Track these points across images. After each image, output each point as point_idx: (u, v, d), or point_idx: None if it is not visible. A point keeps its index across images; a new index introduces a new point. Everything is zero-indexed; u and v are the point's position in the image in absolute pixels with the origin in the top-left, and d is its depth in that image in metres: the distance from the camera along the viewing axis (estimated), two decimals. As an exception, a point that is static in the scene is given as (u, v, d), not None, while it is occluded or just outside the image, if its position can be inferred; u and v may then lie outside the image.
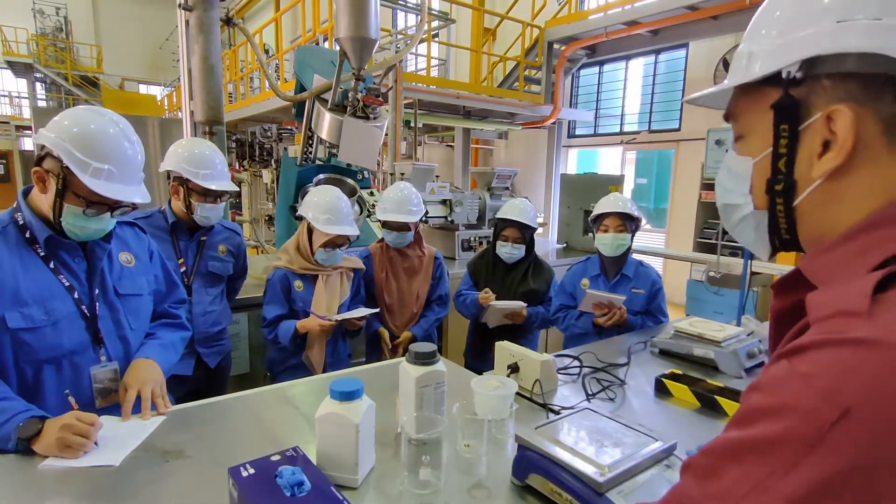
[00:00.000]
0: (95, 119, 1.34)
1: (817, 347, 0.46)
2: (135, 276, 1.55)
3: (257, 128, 10.05)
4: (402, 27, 11.59)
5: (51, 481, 1.12)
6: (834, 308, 0.48)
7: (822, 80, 0.55)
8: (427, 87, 6.81)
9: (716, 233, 5.89)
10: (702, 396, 1.60)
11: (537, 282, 2.69)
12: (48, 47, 15.98)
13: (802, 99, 0.57)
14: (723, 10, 5.73)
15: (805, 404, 0.43)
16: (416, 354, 1.28)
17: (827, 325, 0.48)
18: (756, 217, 0.64)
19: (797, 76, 0.56)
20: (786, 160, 0.59)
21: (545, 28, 7.60)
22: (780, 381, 0.47)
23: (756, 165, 0.63)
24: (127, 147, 1.36)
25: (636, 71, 8.65)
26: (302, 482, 0.97)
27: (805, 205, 0.59)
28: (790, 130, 0.58)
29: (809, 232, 0.60)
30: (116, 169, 1.33)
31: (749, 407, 0.49)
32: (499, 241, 2.68)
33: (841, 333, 0.45)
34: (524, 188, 9.30)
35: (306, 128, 2.98)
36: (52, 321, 1.34)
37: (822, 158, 0.56)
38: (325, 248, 2.22)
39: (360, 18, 2.42)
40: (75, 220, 1.34)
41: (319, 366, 2.23)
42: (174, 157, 2.08)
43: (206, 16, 2.94)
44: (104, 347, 1.44)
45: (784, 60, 0.57)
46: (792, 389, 0.45)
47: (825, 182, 0.56)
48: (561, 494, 1.02)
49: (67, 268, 1.41)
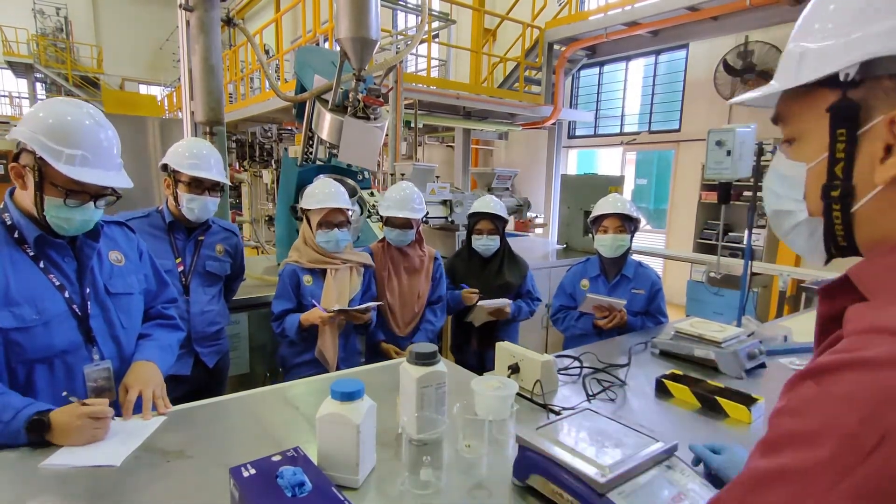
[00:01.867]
0: (67, 109, 1.34)
1: (849, 367, 0.43)
2: (125, 275, 1.55)
3: (258, 128, 10.05)
4: (403, 28, 11.59)
5: (52, 481, 1.12)
6: (870, 323, 0.46)
7: (884, 82, 0.52)
8: (427, 88, 6.81)
9: (715, 233, 5.89)
10: (702, 397, 1.60)
11: (512, 275, 2.78)
12: (48, 47, 15.98)
13: (861, 101, 0.53)
14: (723, 10, 5.73)
15: (845, 429, 0.41)
16: (416, 355, 1.28)
17: (861, 341, 0.45)
18: (811, 224, 0.61)
19: (856, 78, 0.53)
20: (843, 165, 0.55)
21: (545, 29, 7.60)
22: (812, 404, 0.44)
23: (810, 171, 0.59)
24: (99, 132, 1.35)
25: (636, 72, 8.66)
26: (303, 482, 0.97)
27: (864, 211, 0.56)
28: (848, 135, 0.54)
29: (868, 238, 0.57)
30: (90, 154, 1.32)
31: (780, 433, 0.46)
32: (473, 235, 2.77)
33: (876, 352, 0.42)
34: (524, 189, 9.30)
35: (307, 128, 2.98)
36: (44, 321, 1.34)
37: (885, 163, 0.52)
38: (322, 229, 2.27)
39: (361, 19, 2.42)
40: (58, 211, 1.33)
41: (333, 360, 2.25)
42: (169, 152, 2.11)
43: (207, 16, 2.94)
44: (97, 346, 1.44)
45: (841, 62, 0.53)
46: (828, 413, 0.42)
47: (887, 187, 0.53)
48: (562, 495, 1.02)
49: (57, 267, 1.40)
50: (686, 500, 0.97)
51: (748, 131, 2.89)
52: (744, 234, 3.92)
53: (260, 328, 2.80)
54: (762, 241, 5.77)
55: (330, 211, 2.27)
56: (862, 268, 0.54)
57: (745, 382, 1.80)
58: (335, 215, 2.29)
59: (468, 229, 2.84)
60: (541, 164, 9.02)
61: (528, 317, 2.82)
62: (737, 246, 6.04)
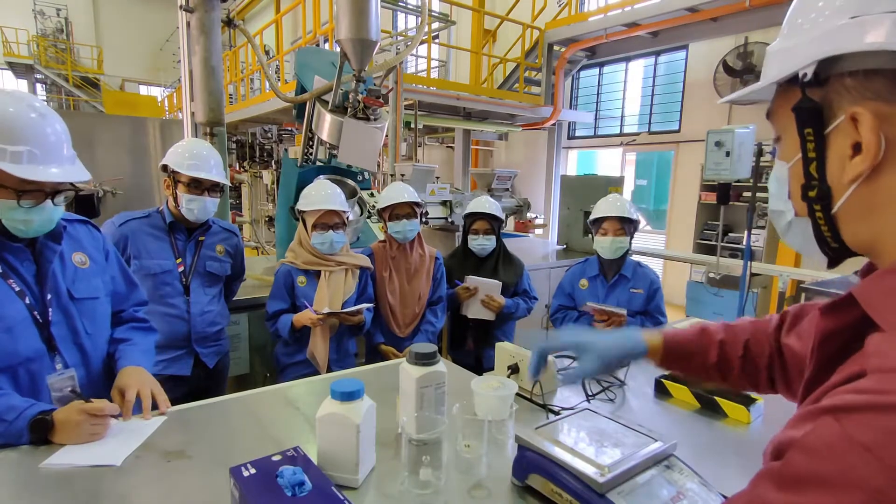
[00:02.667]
0: (6, 101, 1.22)
1: (877, 411, 0.40)
2: (89, 278, 1.46)
3: (258, 129, 10.06)
4: (403, 29, 11.60)
5: (52, 481, 1.13)
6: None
7: (845, 80, 0.51)
8: (427, 89, 6.82)
9: (715, 234, 5.89)
10: (701, 397, 1.60)
11: (508, 274, 2.79)
12: (49, 48, 15.99)
13: (824, 101, 0.53)
14: (722, 11, 5.74)
15: (871, 483, 0.38)
16: (416, 355, 1.28)
17: (889, 382, 0.42)
18: (800, 224, 0.60)
19: (814, 77, 0.53)
20: (816, 165, 0.55)
21: (545, 29, 7.61)
22: (833, 448, 0.41)
23: (790, 170, 0.59)
24: (44, 125, 1.23)
25: (636, 72, 8.66)
26: (303, 482, 0.98)
27: (845, 212, 0.54)
28: (815, 134, 0.54)
29: (856, 241, 0.55)
30: (38, 149, 1.21)
31: (795, 470, 0.43)
32: (470, 235, 2.79)
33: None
34: (524, 189, 9.30)
35: (307, 129, 2.98)
36: (6, 327, 1.27)
37: (852, 161, 0.51)
38: (316, 230, 2.27)
39: (361, 20, 2.42)
40: (13, 213, 1.24)
41: (324, 362, 2.25)
42: (169, 153, 2.12)
43: (207, 17, 2.94)
44: (59, 354, 1.37)
45: (799, 61, 0.54)
46: (850, 461, 0.40)
47: (861, 188, 0.52)
48: (561, 495, 1.02)
49: (16, 272, 1.32)
50: (685, 499, 0.98)
51: (747, 132, 2.89)
52: (743, 235, 3.93)
53: (260, 329, 2.80)
54: (762, 241, 5.78)
55: (325, 213, 2.28)
56: (866, 288, 0.51)
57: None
58: (330, 217, 2.29)
59: (464, 229, 2.86)
60: (541, 165, 9.03)
61: (526, 314, 2.83)
62: (736, 246, 6.05)
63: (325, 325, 2.23)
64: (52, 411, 1.25)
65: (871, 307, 0.49)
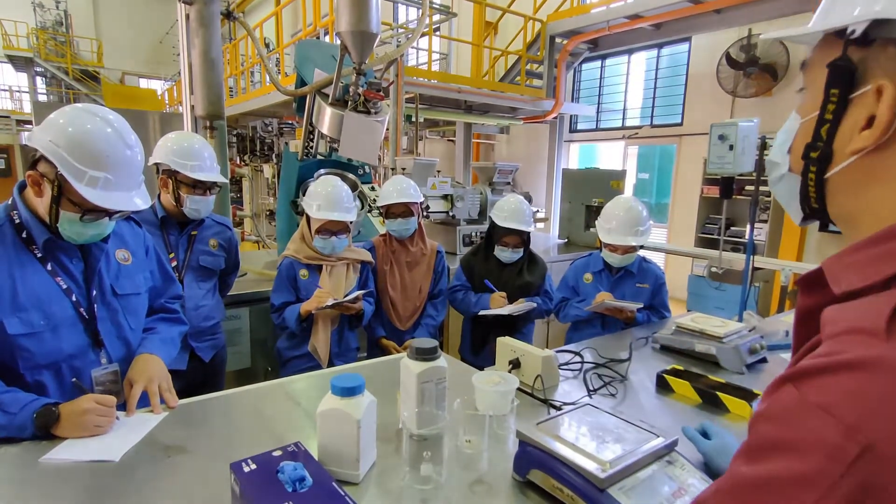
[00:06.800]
0: (91, 121, 1.27)
1: (830, 372, 0.42)
2: (132, 275, 1.51)
3: (258, 122, 10.01)
4: (404, 21, 11.53)
5: (52, 476, 1.13)
6: (848, 325, 0.44)
7: (889, 48, 0.49)
8: (428, 82, 6.78)
9: (717, 228, 5.88)
10: (703, 392, 1.60)
11: (532, 275, 2.72)
12: (48, 41, 15.93)
13: (859, 63, 0.51)
14: (726, 3, 5.69)
15: (828, 441, 0.39)
16: (417, 350, 1.27)
17: (839, 344, 0.43)
18: (790, 180, 0.60)
19: (861, 36, 0.50)
20: (828, 128, 0.54)
21: (547, 22, 7.55)
22: (792, 412, 0.43)
23: (802, 126, 0.58)
24: (125, 150, 1.30)
25: (638, 65, 8.60)
26: (303, 477, 0.97)
27: (836, 180, 0.54)
28: (840, 96, 0.52)
29: (837, 209, 0.56)
30: (114, 176, 1.27)
31: (760, 440, 0.45)
32: (498, 246, 2.64)
33: (855, 355, 0.41)
34: (525, 183, 9.27)
35: (307, 122, 2.96)
36: (52, 326, 1.31)
37: (861, 134, 0.51)
38: (320, 234, 2.26)
39: (361, 12, 2.40)
40: (72, 226, 1.30)
41: (325, 356, 2.26)
42: (163, 150, 2.09)
43: (207, 10, 2.92)
44: (104, 350, 1.42)
45: (850, 16, 0.50)
46: (810, 423, 0.41)
47: (861, 160, 0.51)
48: (562, 490, 1.02)
49: (65, 269, 1.36)
50: (686, 495, 0.97)
51: (751, 125, 2.86)
52: (746, 229, 3.91)
53: (261, 323, 2.80)
54: (764, 235, 5.76)
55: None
56: (834, 262, 0.52)
57: (746, 377, 1.80)
58: (335, 224, 2.27)
59: (489, 234, 2.73)
60: (542, 159, 9.00)
61: (545, 316, 2.76)
62: (739, 241, 6.02)
63: (327, 316, 2.25)
64: (57, 404, 1.25)
65: (832, 278, 0.51)
